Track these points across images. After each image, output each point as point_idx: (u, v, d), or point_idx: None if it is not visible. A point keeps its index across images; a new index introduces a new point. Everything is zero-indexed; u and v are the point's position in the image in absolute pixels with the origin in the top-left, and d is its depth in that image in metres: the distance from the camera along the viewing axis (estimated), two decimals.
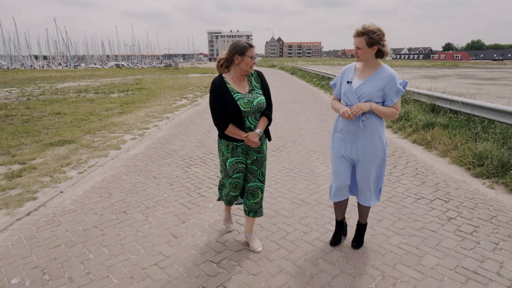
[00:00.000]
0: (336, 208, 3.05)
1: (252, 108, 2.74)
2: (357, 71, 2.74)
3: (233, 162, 2.82)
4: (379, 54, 2.61)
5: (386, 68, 2.67)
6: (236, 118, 2.71)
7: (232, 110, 2.68)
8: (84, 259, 2.92)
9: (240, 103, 2.70)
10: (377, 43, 2.55)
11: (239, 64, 2.69)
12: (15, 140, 7.21)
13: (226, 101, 2.68)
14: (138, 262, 2.88)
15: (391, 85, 2.62)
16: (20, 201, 4.10)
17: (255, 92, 2.81)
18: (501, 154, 5.07)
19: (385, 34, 2.56)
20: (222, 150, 2.88)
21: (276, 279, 2.64)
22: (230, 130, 2.72)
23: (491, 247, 3.08)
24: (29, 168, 5.30)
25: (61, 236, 3.31)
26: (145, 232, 3.37)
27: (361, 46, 2.56)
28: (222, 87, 2.70)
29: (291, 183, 4.68)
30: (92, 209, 3.90)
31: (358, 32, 2.57)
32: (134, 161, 5.71)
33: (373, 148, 2.71)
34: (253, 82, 2.86)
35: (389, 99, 2.66)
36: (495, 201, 4.10)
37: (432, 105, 8.62)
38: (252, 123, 2.77)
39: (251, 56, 2.68)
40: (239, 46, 2.68)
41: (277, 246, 3.11)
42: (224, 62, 2.78)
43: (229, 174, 2.86)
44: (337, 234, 3.11)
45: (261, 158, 2.92)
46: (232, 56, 2.70)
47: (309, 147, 6.55)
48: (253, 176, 2.92)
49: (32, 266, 2.83)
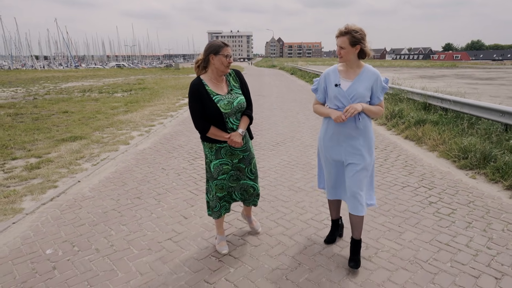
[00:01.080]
0: (331, 207, 3.10)
1: (233, 109, 2.71)
2: (341, 73, 2.72)
3: (218, 164, 2.79)
4: (361, 55, 2.64)
5: (369, 67, 2.72)
6: (217, 120, 2.68)
7: (212, 112, 2.65)
8: (106, 235, 3.33)
9: (220, 105, 2.65)
10: (360, 42, 2.57)
11: (214, 63, 2.64)
12: (28, 136, 7.62)
13: (205, 103, 2.64)
14: (154, 237, 3.30)
15: (377, 83, 2.68)
16: (42, 189, 4.52)
17: (234, 92, 2.77)
18: (484, 148, 5.48)
19: (366, 35, 2.60)
20: (206, 153, 2.84)
21: (274, 249, 3.06)
22: (212, 132, 2.70)
23: (465, 225, 3.50)
24: (46, 161, 5.71)
25: (84, 217, 3.73)
26: (159, 214, 3.79)
27: (345, 45, 2.58)
28: (200, 90, 2.64)
29: (289, 173, 5.10)
30: (109, 196, 4.31)
31: (341, 32, 2.59)
32: (143, 155, 6.13)
33: (366, 148, 2.73)
34: (232, 82, 2.81)
35: (375, 97, 2.70)
36: (474, 189, 4.51)
37: (424, 103, 9.04)
38: (234, 123, 2.75)
39: (225, 55, 2.62)
40: (214, 45, 2.64)
41: (276, 224, 3.52)
42: (201, 63, 2.73)
43: (213, 176, 2.82)
44: (332, 233, 3.15)
45: (248, 156, 2.90)
46: (207, 56, 2.65)
47: (306, 142, 6.97)
48: (243, 174, 2.92)
49: (62, 240, 3.24)
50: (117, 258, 2.95)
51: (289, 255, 2.98)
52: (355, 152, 2.71)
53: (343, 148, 2.74)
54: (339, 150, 2.76)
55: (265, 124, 8.97)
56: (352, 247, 2.83)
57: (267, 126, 8.63)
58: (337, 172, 2.85)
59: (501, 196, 4.28)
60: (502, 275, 2.68)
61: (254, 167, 2.97)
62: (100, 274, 2.72)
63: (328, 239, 3.13)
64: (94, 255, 2.99)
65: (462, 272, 2.72)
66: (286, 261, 2.90)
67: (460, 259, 2.90)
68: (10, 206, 3.96)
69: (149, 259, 2.93)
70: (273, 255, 2.99)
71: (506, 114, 6.18)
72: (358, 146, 2.70)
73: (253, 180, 2.97)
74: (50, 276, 2.71)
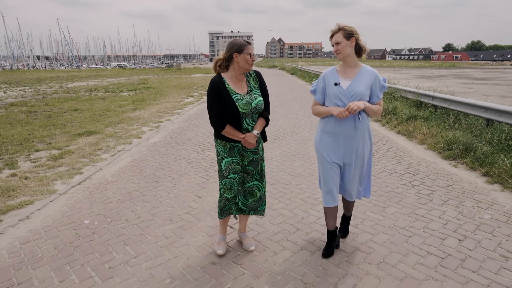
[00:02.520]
0: (327, 215, 2.95)
1: (251, 110, 2.70)
2: (340, 73, 2.74)
3: (230, 162, 2.78)
4: (358, 51, 2.68)
5: (367, 67, 2.74)
6: (234, 119, 2.68)
7: (230, 111, 2.65)
8: (133, 210, 3.90)
9: (238, 104, 2.65)
10: (353, 34, 2.62)
11: (238, 62, 2.66)
12: (46, 131, 8.19)
13: (224, 101, 2.65)
14: (173, 211, 3.86)
15: (376, 82, 2.70)
16: (70, 174, 5.08)
17: (254, 93, 2.77)
18: (466, 140, 6.04)
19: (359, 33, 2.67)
20: (218, 150, 2.83)
21: (276, 219, 3.63)
22: (227, 131, 2.69)
23: (440, 203, 4.06)
24: (68, 152, 6.27)
25: (111, 196, 4.29)
26: (175, 194, 4.35)
27: (340, 39, 2.62)
28: (220, 87, 2.66)
29: (289, 162, 5.67)
30: (130, 180, 4.88)
31: (334, 30, 2.66)
32: (155, 147, 6.70)
33: (365, 148, 2.77)
34: (252, 83, 2.81)
35: (375, 96, 2.72)
36: (454, 175, 5.07)
37: (417, 101, 9.61)
38: (249, 124, 2.74)
39: (249, 53, 2.65)
40: (237, 44, 2.66)
41: (277, 201, 4.09)
42: (222, 62, 2.74)
43: (224, 174, 2.80)
44: (330, 246, 2.96)
45: (257, 159, 2.89)
46: (230, 54, 2.66)
47: (305, 136, 7.54)
48: (250, 177, 2.91)
49: (96, 214, 3.81)
50: (145, 226, 3.51)
51: (289, 223, 3.55)
52: (354, 152, 2.75)
53: (342, 148, 2.75)
54: (338, 150, 2.76)
55: None
56: (343, 220, 3.23)
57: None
58: (335, 174, 2.79)
59: (477, 181, 4.84)
60: (465, 237, 3.25)
61: (261, 169, 2.95)
62: (133, 237, 3.29)
63: (326, 252, 2.93)
64: (125, 224, 3.56)
65: (432, 235, 3.29)
66: (286, 227, 3.47)
67: (432, 226, 3.47)
68: (45, 188, 4.53)
69: (172, 227, 3.49)
70: (276, 223, 3.55)
71: (488, 110, 6.74)
72: (358, 146, 2.73)
73: (259, 180, 2.94)
74: (92, 238, 3.27)
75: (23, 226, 3.54)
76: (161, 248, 3.11)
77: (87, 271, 2.77)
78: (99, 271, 2.77)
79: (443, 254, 2.97)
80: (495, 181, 4.75)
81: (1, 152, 6.32)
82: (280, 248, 3.10)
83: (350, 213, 3.17)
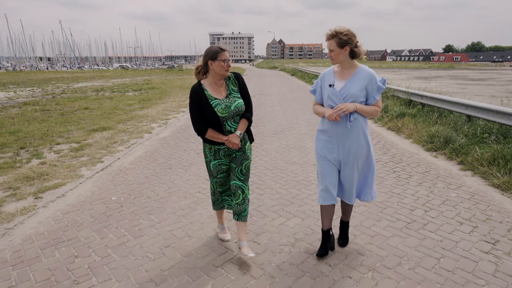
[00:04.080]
0: (323, 215, 2.97)
1: (230, 113, 2.77)
2: (336, 74, 2.77)
3: (216, 164, 2.92)
4: (354, 55, 2.67)
5: (364, 67, 2.74)
6: (215, 123, 2.76)
7: (210, 116, 2.73)
8: (152, 189, 4.56)
9: (217, 109, 2.73)
10: (348, 43, 2.60)
11: (213, 69, 2.72)
12: (62, 127, 8.86)
13: (203, 107, 2.73)
14: (187, 191, 4.52)
15: (372, 83, 2.69)
16: (92, 163, 5.75)
17: (233, 96, 2.83)
18: (446, 134, 6.70)
19: (355, 35, 2.62)
20: (206, 153, 2.95)
21: (273, 196, 4.30)
22: (210, 135, 2.79)
23: (416, 184, 4.72)
24: (86, 145, 6.94)
25: (131, 179, 4.96)
26: (187, 178, 5.02)
27: (333, 48, 2.63)
28: (199, 94, 2.74)
29: (286, 152, 6.33)
30: (146, 167, 5.55)
31: (328, 35, 2.65)
32: (165, 141, 7.37)
33: (359, 149, 2.76)
34: (231, 86, 2.86)
35: (371, 97, 2.72)
36: (433, 164, 5.72)
37: (407, 100, 10.27)
38: (232, 126, 2.81)
39: (223, 59, 2.69)
40: (211, 51, 2.72)
41: (275, 183, 4.76)
42: (201, 69, 2.82)
43: (213, 174, 2.97)
44: (324, 246, 2.99)
45: (240, 156, 2.92)
46: (205, 62, 2.75)
47: (302, 131, 8.20)
48: (232, 174, 2.95)
49: (121, 193, 4.47)
50: (164, 201, 4.18)
51: (284, 198, 4.22)
52: (348, 152, 2.76)
53: (337, 148, 2.78)
54: (333, 149, 2.80)
55: (266, 118, 10.20)
56: (342, 227, 3.17)
57: (268, 120, 9.87)
58: (331, 172, 2.84)
59: (452, 168, 5.49)
60: (430, 209, 3.91)
61: (245, 169, 2.95)
62: (155, 209, 3.96)
63: (321, 252, 2.97)
64: (147, 200, 4.23)
65: (403, 207, 3.95)
66: (282, 201, 4.14)
67: (404, 201, 4.13)
68: (73, 173, 5.19)
69: (186, 202, 4.16)
70: (274, 199, 4.22)
71: (469, 107, 7.40)
72: (350, 145, 2.74)
73: (242, 181, 2.94)
74: (120, 210, 3.94)
75: (61, 201, 4.21)
76: (179, 216, 3.78)
77: (121, 231, 3.44)
78: (131, 232, 3.43)
79: (409, 220, 3.64)
80: (468, 168, 5.40)
81: (26, 145, 6.99)
82: (276, 215, 3.76)
83: (348, 218, 3.13)
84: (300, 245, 3.18)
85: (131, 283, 2.65)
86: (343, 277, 2.70)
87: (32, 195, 4.36)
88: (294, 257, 2.99)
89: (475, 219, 3.66)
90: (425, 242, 3.20)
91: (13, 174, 5.11)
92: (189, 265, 2.88)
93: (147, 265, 2.88)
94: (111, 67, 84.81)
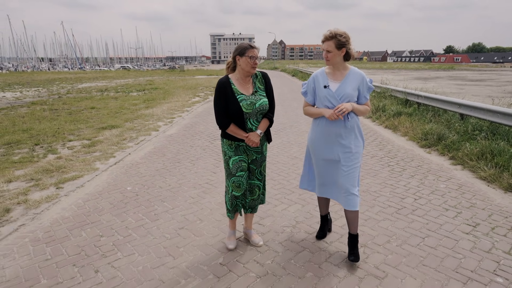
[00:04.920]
0: (321, 203, 3.24)
1: (254, 110, 2.81)
2: (329, 75, 2.85)
3: (237, 160, 2.89)
4: (347, 57, 2.77)
5: (355, 69, 2.85)
6: (238, 118, 2.79)
7: (235, 110, 2.76)
8: (163, 181, 4.93)
9: (242, 104, 2.76)
10: (345, 45, 2.70)
11: (240, 65, 2.77)
12: (71, 125, 9.23)
13: (229, 101, 2.76)
14: (195, 182, 4.89)
15: (364, 83, 2.82)
16: (105, 157, 6.12)
17: (259, 94, 2.87)
18: (439, 131, 7.06)
19: (350, 38, 2.73)
20: (225, 150, 2.94)
21: (276, 186, 4.67)
22: (232, 129, 2.81)
23: (408, 177, 5.08)
24: (98, 142, 7.32)
25: (143, 172, 5.33)
26: (195, 171, 5.38)
27: (331, 49, 2.70)
28: (226, 87, 2.77)
29: (287, 148, 6.71)
30: (156, 161, 5.91)
31: (327, 36, 2.71)
32: (172, 138, 7.74)
33: (356, 146, 2.84)
34: (257, 84, 2.90)
35: (362, 97, 2.84)
36: (426, 159, 6.08)
37: (404, 99, 10.64)
38: (253, 124, 2.85)
39: (250, 56, 2.73)
40: (240, 47, 2.78)
41: (277, 175, 5.13)
42: (231, 64, 2.90)
43: (232, 172, 2.90)
44: (322, 229, 3.30)
45: (260, 158, 3.01)
46: (234, 57, 2.81)
47: (302, 129, 8.58)
48: (252, 175, 3.04)
49: (135, 183, 4.84)
50: (175, 191, 4.55)
51: (286, 188, 4.59)
52: (346, 151, 2.81)
53: (334, 147, 2.84)
54: (330, 149, 2.86)
55: None
56: (350, 242, 2.93)
57: None
58: (327, 171, 2.94)
59: (444, 163, 5.85)
60: (420, 197, 4.28)
61: (263, 169, 3.09)
62: (167, 197, 4.33)
63: (319, 234, 3.29)
64: (159, 189, 4.59)
65: (395, 196, 4.32)
66: (284, 191, 4.51)
67: (396, 191, 4.50)
68: (89, 166, 5.57)
69: (196, 192, 4.53)
70: (276, 188, 4.59)
71: (462, 106, 7.76)
72: (348, 144, 2.81)
73: (260, 180, 3.08)
74: (136, 198, 4.31)
75: (80, 191, 4.58)
76: (190, 204, 4.15)
77: (139, 216, 3.81)
78: (148, 216, 3.80)
79: (400, 207, 4.01)
80: (458, 163, 5.76)
81: (40, 142, 7.36)
82: (279, 202, 4.13)
83: (356, 230, 2.93)
84: (300, 226, 3.55)
85: (151, 257, 3.02)
86: (338, 251, 3.07)
87: (54, 186, 4.73)
88: (295, 236, 3.36)
89: (460, 206, 4.03)
90: (412, 225, 3.56)
91: (33, 168, 5.48)
92: (202, 243, 3.25)
93: (165, 243, 3.25)
94: (112, 68, 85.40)
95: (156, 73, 45.91)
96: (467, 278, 2.69)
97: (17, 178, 5.03)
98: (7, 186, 4.73)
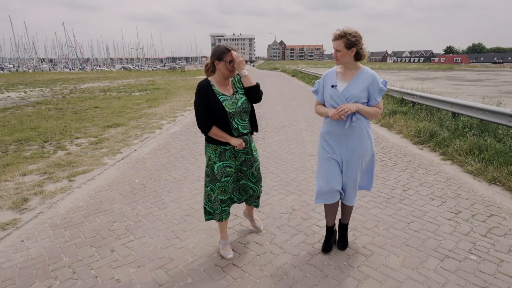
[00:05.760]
0: (327, 212, 3.06)
1: (238, 109, 2.80)
2: (339, 75, 2.80)
3: (221, 166, 2.84)
4: (358, 57, 2.70)
5: (367, 69, 2.77)
6: (222, 119, 2.75)
7: (218, 111, 2.72)
8: (169, 174, 5.25)
9: (225, 104, 2.74)
10: (355, 45, 2.64)
11: (219, 69, 2.76)
12: (77, 124, 9.55)
13: (211, 103, 2.73)
14: (199, 175, 5.20)
15: (374, 85, 2.72)
16: (112, 153, 6.43)
17: (239, 93, 2.87)
18: (432, 129, 7.37)
19: (362, 37, 2.66)
20: (209, 155, 2.89)
21: (275, 179, 4.99)
22: (214, 132, 2.76)
23: (399, 170, 5.39)
24: (104, 139, 7.63)
25: (149, 166, 5.64)
26: (199, 165, 5.70)
27: (340, 48, 2.65)
28: (207, 89, 2.74)
29: (286, 144, 7.02)
30: (161, 157, 6.23)
31: (336, 35, 2.66)
32: (176, 135, 8.06)
33: (362, 148, 2.80)
34: (237, 84, 2.92)
35: (373, 99, 2.76)
36: (418, 155, 6.39)
37: (400, 99, 10.95)
38: (238, 123, 2.82)
39: (229, 60, 2.71)
40: (217, 51, 2.75)
41: (276, 169, 5.44)
42: (209, 66, 2.86)
43: (217, 178, 2.86)
44: (328, 241, 3.11)
45: (250, 159, 2.96)
46: (212, 61, 2.80)
47: (301, 127, 8.89)
48: (244, 176, 3.01)
49: (142, 177, 5.16)
50: (180, 183, 4.87)
51: (284, 180, 4.91)
52: (352, 152, 2.80)
53: (340, 147, 2.83)
54: (336, 149, 2.84)
55: (268, 115, 10.89)
56: (341, 229, 3.14)
57: (269, 117, 10.56)
58: (337, 171, 2.87)
59: (434, 158, 6.16)
60: (408, 189, 4.59)
61: (256, 171, 3.03)
62: (173, 189, 4.64)
63: (325, 247, 3.09)
64: (165, 182, 4.91)
65: (385, 187, 4.63)
66: (282, 183, 4.82)
67: (387, 183, 4.81)
68: (97, 161, 5.88)
69: (199, 184, 4.84)
70: (275, 181, 4.90)
71: (454, 104, 8.07)
72: (354, 146, 2.78)
73: (255, 183, 3.04)
74: (144, 189, 4.63)
75: (91, 183, 4.90)
76: (194, 194, 4.46)
77: (148, 205, 4.13)
78: (156, 205, 4.12)
79: (389, 196, 4.32)
80: (448, 158, 6.07)
81: (48, 139, 7.68)
82: (277, 193, 4.44)
83: (348, 220, 3.12)
84: (296, 213, 3.87)
85: (161, 239, 3.34)
86: None
87: (66, 178, 5.05)
88: (291, 221, 3.68)
89: (445, 197, 4.34)
90: (399, 212, 3.88)
91: (45, 163, 5.80)
92: (206, 227, 3.57)
93: (173, 227, 3.57)
94: (113, 68, 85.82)
95: (157, 74, 46.27)
96: (444, 255, 3.01)
97: (31, 172, 5.34)
98: (23, 178, 5.04)
